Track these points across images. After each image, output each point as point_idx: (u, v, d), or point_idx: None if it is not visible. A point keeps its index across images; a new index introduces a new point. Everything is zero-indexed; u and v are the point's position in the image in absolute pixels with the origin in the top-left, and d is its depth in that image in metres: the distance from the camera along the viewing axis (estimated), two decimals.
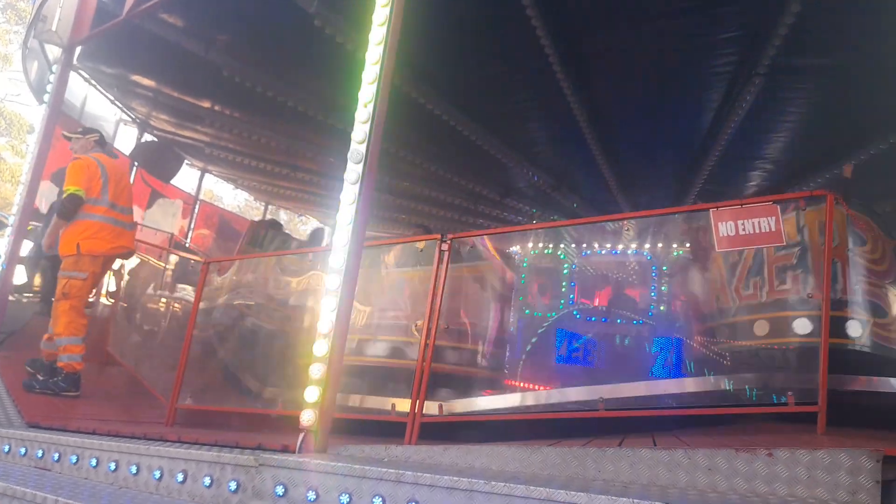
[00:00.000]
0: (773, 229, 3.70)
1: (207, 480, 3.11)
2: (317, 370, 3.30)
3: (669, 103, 6.92)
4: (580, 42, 5.97)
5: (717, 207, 3.85)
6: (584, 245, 7.10)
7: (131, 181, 11.38)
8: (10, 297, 7.08)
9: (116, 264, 7.09)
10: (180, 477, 3.18)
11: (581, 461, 3.16)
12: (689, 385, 4.40)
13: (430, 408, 4.36)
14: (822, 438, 3.30)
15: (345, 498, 2.81)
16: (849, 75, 5.73)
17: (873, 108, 6.22)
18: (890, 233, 4.50)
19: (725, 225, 3.82)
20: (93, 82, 9.59)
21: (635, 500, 2.52)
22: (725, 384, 4.43)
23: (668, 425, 4.26)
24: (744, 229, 3.73)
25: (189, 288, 7.78)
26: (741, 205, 3.75)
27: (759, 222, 3.69)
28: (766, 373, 4.30)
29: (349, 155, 3.51)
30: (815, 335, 3.88)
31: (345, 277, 3.40)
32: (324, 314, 3.37)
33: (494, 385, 5.27)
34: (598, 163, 8.64)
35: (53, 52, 7.68)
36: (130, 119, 11.29)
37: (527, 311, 6.24)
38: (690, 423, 4.29)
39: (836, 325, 4.07)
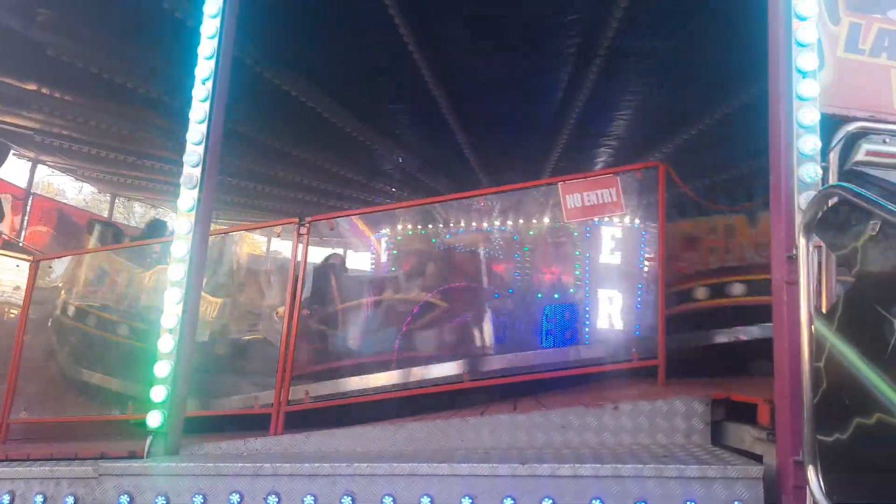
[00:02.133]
0: (615, 199, 3.95)
1: (40, 498, 2.82)
2: (163, 368, 3.08)
3: (523, 84, 7.15)
4: (433, 23, 5.99)
5: (565, 181, 4.05)
6: (452, 224, 7.21)
7: None
8: None
9: None
10: (6, 499, 2.85)
11: (445, 433, 3.22)
12: (547, 352, 4.62)
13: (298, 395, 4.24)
14: (661, 389, 3.60)
15: (198, 499, 2.66)
16: (680, 57, 6.21)
17: (698, 89, 6.80)
18: None
19: (573, 197, 4.03)
20: None
21: (494, 465, 2.60)
22: (581, 349, 4.71)
23: (535, 391, 4.44)
24: (589, 200, 3.96)
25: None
26: (585, 178, 3.97)
27: (601, 193, 3.93)
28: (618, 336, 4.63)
29: (188, 136, 3.28)
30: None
31: (190, 267, 3.20)
32: (168, 308, 3.15)
33: (365, 368, 5.23)
34: (461, 143, 8.77)
35: None
36: None
37: (397, 292, 6.25)
38: (555, 387, 4.50)
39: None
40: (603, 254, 4.97)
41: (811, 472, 2.03)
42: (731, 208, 5.15)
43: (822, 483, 1.99)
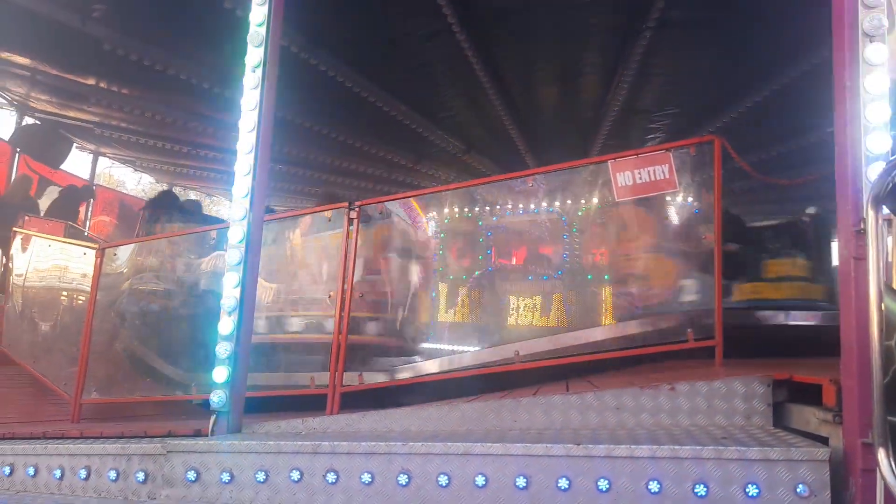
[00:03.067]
0: (668, 176, 3.85)
1: (113, 474, 2.96)
2: (224, 349, 3.19)
3: (568, 61, 7.03)
4: (477, 3, 5.93)
5: (615, 159, 3.97)
6: (498, 206, 7.14)
7: (13, 168, 10.58)
8: None
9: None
10: (83, 473, 3.01)
11: (497, 413, 3.23)
12: (597, 332, 4.57)
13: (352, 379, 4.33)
14: (719, 370, 3.52)
15: (261, 475, 2.75)
16: (734, 26, 5.99)
17: (752, 60, 6.54)
18: None
19: (623, 175, 3.94)
20: None
21: (549, 445, 2.60)
22: (632, 330, 4.64)
23: (585, 372, 4.41)
24: (640, 178, 3.87)
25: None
26: (636, 155, 3.88)
27: (653, 171, 3.83)
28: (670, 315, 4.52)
29: (240, 123, 3.35)
30: None
31: (246, 251, 3.28)
32: (227, 291, 3.25)
33: (415, 350, 5.28)
34: (506, 124, 8.71)
35: None
36: (6, 101, 10.37)
37: (450, 277, 6.27)
38: (604, 369, 4.46)
39: None
40: (654, 232, 4.85)
41: (881, 455, 1.95)
42: (791, 182, 4.96)
43: (893, 465, 1.91)
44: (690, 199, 4.37)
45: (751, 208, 12.30)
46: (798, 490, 2.27)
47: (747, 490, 2.34)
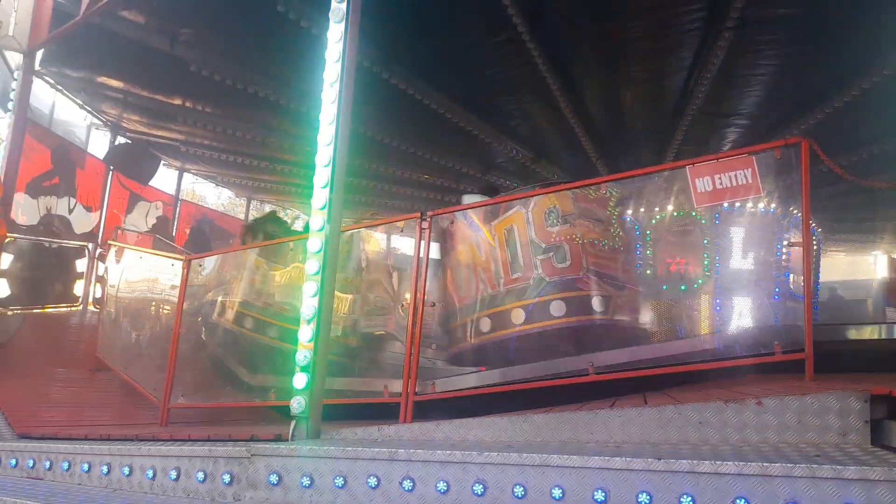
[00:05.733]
0: (750, 181, 3.69)
1: (201, 475, 3.09)
2: (303, 356, 3.28)
3: (641, 65, 6.88)
4: (547, 9, 5.91)
5: (693, 164, 3.84)
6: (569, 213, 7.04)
7: (107, 185, 11.29)
8: None
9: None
10: (173, 474, 3.16)
11: (573, 426, 3.17)
12: (676, 345, 4.42)
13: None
14: (810, 384, 3.33)
15: (339, 481, 2.81)
16: (819, 23, 5.71)
17: (839, 59, 6.21)
18: None
19: (702, 181, 3.81)
20: (59, 87, 9.40)
21: (629, 459, 2.53)
22: (713, 342, 4.46)
23: (662, 385, 4.27)
24: (721, 183, 3.72)
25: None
26: (716, 159, 3.74)
27: (735, 175, 3.69)
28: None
29: (318, 137, 3.46)
30: None
31: (324, 261, 3.37)
32: (306, 300, 3.34)
33: (490, 361, 5.27)
34: (576, 132, 8.61)
35: (14, 58, 7.51)
36: (101, 122, 11.10)
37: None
38: (682, 382, 4.31)
39: None
40: (736, 240, 4.66)
41: None
42: (886, 185, 4.65)
43: None
44: (774, 206, 4.18)
45: (838, 214, 11.68)
46: None
47: None
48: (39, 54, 7.22)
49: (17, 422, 4.58)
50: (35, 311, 8.81)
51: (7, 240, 7.21)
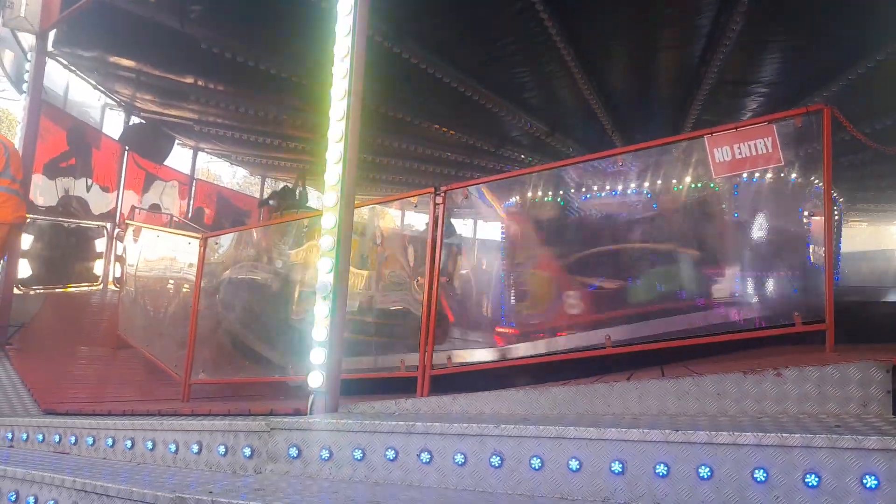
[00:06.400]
0: (770, 150, 3.62)
1: (222, 449, 3.14)
2: (320, 332, 3.30)
3: (658, 35, 6.74)
4: None
5: (712, 133, 3.76)
6: (584, 189, 6.98)
7: (123, 165, 11.37)
8: (16, 291, 7.11)
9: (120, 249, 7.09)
10: (195, 448, 3.22)
11: (590, 398, 3.17)
12: (695, 317, 4.39)
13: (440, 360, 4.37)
14: (831, 355, 3.29)
15: (358, 453, 2.84)
16: None
17: (861, 25, 6.03)
18: None
19: (721, 150, 3.74)
20: (72, 68, 9.42)
21: (646, 430, 2.52)
22: (732, 313, 4.42)
23: (680, 357, 4.25)
24: (740, 153, 3.65)
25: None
26: (735, 128, 3.67)
27: (755, 144, 3.61)
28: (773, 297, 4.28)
29: (330, 112, 3.43)
30: None
31: (339, 237, 3.37)
32: (321, 276, 3.35)
33: (502, 335, 5.29)
34: (591, 104, 8.48)
35: (27, 39, 7.52)
36: (115, 103, 11.13)
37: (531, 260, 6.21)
38: (699, 354, 4.29)
39: None
40: (754, 210, 4.58)
41: None
42: None
43: None
44: (794, 175, 4.09)
45: (860, 183, 11.47)
46: None
47: (864, 481, 2.19)
48: (52, 35, 7.22)
49: (43, 398, 4.68)
50: (56, 290, 8.95)
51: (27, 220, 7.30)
